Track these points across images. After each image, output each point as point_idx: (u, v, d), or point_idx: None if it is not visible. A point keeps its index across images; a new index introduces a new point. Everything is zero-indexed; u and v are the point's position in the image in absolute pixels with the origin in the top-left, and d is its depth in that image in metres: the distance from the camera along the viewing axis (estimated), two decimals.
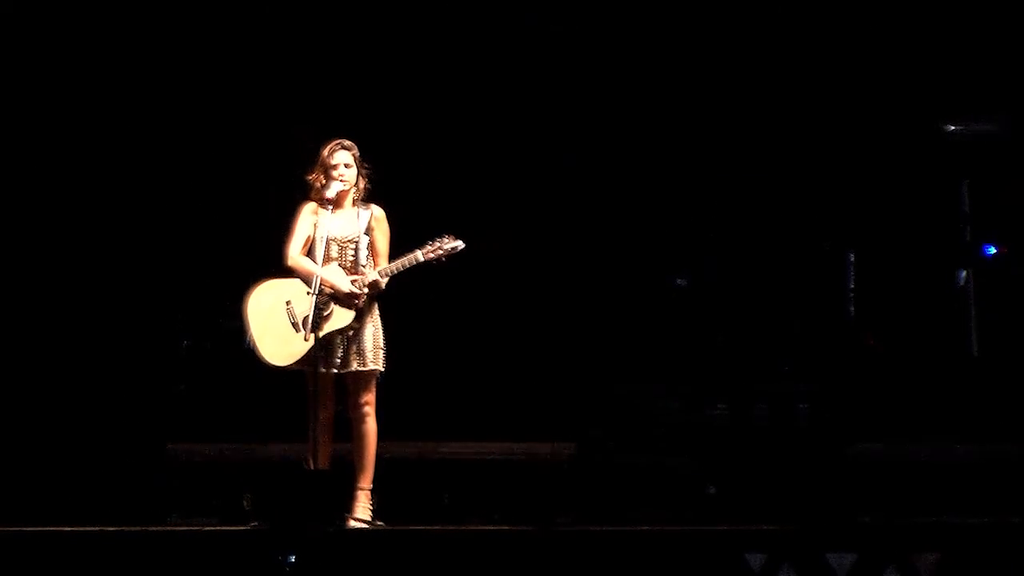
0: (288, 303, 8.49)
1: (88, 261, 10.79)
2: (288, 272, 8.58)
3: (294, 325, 8.43)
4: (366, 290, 8.51)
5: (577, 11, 11.01)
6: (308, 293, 8.39)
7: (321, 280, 8.41)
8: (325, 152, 8.64)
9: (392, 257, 8.62)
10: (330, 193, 8.56)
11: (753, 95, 11.09)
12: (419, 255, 8.56)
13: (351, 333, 8.52)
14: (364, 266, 8.59)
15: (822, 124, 11.10)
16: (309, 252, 8.55)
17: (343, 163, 8.61)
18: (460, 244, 8.60)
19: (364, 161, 8.68)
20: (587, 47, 11.04)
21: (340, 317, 8.49)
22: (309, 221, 8.60)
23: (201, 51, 10.94)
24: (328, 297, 8.46)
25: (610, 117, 11.07)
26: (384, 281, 8.54)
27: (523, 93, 11.07)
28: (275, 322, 8.51)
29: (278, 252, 8.60)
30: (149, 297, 10.84)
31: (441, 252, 8.56)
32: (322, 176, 8.62)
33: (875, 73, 11.07)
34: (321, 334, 8.41)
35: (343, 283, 8.47)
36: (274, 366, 8.51)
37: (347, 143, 8.67)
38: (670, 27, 11.03)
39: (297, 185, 8.72)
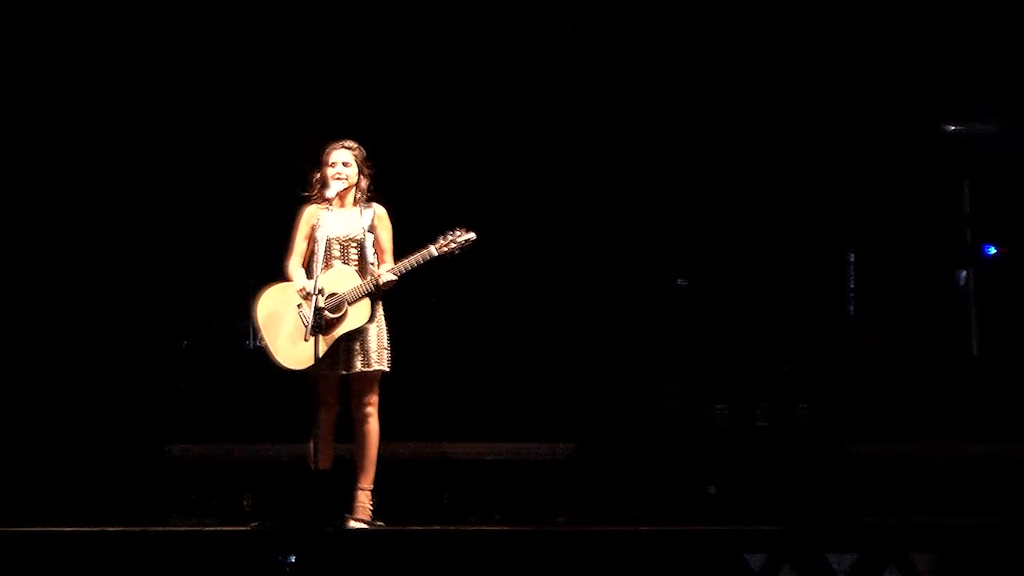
0: (299, 306, 8.49)
1: (88, 261, 10.79)
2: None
3: (306, 328, 8.40)
4: (374, 288, 8.53)
5: (578, 11, 11.01)
6: (309, 294, 8.38)
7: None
8: (325, 152, 8.66)
9: (399, 254, 8.62)
10: (330, 193, 8.58)
11: (754, 95, 11.09)
12: (432, 250, 8.57)
13: (356, 333, 8.52)
14: (373, 264, 8.60)
15: (822, 124, 11.10)
16: (311, 256, 8.56)
17: (341, 162, 8.63)
18: (472, 235, 8.60)
19: (368, 161, 8.70)
20: (589, 47, 11.04)
21: (354, 318, 8.49)
22: (307, 228, 8.62)
23: (202, 52, 10.94)
24: (340, 299, 8.47)
25: (611, 117, 11.07)
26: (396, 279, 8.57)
27: (525, 93, 11.07)
28: (287, 325, 8.51)
29: (279, 255, 8.63)
30: (149, 297, 10.84)
31: (454, 245, 8.57)
32: (320, 175, 8.64)
33: (875, 73, 11.07)
34: (336, 335, 8.42)
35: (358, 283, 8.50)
36: (287, 369, 8.51)
37: (348, 143, 8.68)
38: (672, 27, 11.03)
39: (297, 185, 8.73)
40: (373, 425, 8.58)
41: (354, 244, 8.60)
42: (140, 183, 10.89)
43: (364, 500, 8.57)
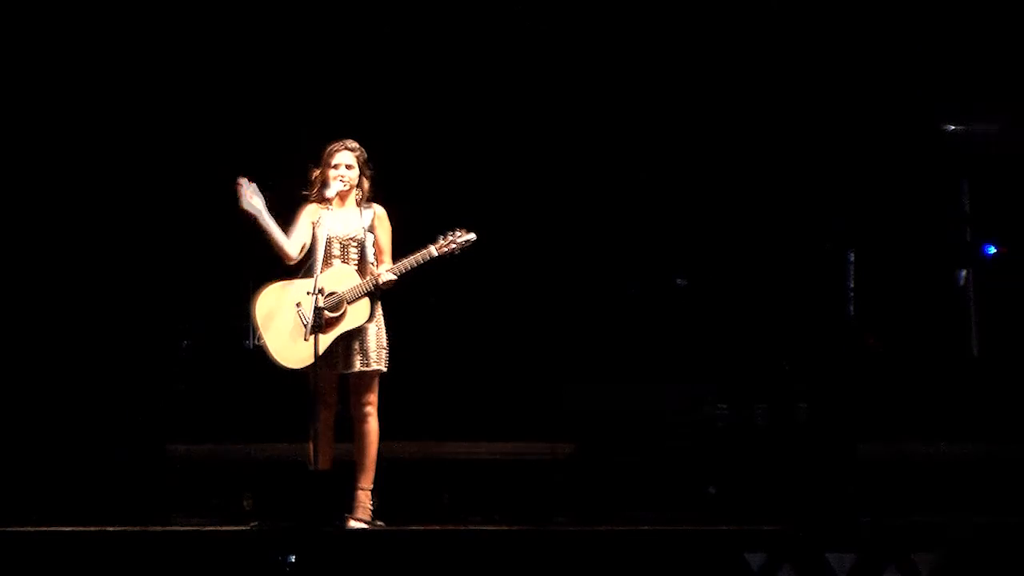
0: (298, 305, 8.48)
1: (88, 261, 10.79)
2: (293, 273, 8.59)
3: (305, 327, 8.40)
4: (373, 288, 8.52)
5: (576, 11, 11.01)
6: (308, 293, 8.38)
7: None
8: (327, 151, 8.66)
9: (398, 254, 8.63)
10: (329, 193, 8.59)
11: (753, 95, 11.09)
12: (432, 250, 8.58)
13: (355, 333, 8.51)
14: (373, 264, 8.60)
15: (822, 124, 11.10)
16: (309, 254, 8.55)
17: (344, 163, 8.64)
18: (472, 236, 8.62)
19: (369, 163, 8.70)
20: (588, 46, 11.04)
21: (353, 318, 8.49)
22: (307, 223, 8.61)
23: (204, 52, 10.94)
24: (339, 298, 8.47)
25: (610, 116, 11.07)
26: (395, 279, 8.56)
27: (525, 93, 11.07)
28: (285, 324, 8.50)
29: (278, 255, 8.63)
30: (149, 297, 10.84)
31: (455, 246, 8.58)
32: (321, 174, 8.64)
33: (875, 73, 11.07)
34: (335, 334, 8.42)
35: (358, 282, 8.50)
36: (286, 368, 8.51)
37: (351, 144, 8.69)
38: (671, 26, 11.03)
39: (297, 184, 8.73)
40: (372, 425, 8.58)
41: (354, 244, 8.60)
42: (140, 183, 10.89)
43: (364, 500, 8.58)
